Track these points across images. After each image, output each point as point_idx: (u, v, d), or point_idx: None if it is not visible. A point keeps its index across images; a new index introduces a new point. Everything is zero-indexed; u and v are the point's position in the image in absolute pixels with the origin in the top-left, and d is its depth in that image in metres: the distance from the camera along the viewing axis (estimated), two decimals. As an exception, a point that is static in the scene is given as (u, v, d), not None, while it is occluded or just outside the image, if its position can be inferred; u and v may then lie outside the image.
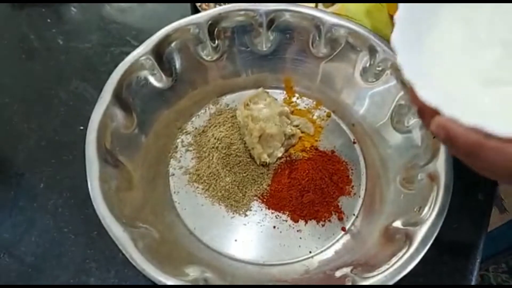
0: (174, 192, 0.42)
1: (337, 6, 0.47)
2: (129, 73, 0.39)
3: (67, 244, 0.39)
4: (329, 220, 0.40)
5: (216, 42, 0.44)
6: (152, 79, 0.42)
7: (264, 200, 0.41)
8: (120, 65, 0.39)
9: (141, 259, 0.31)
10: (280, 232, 0.40)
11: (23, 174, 0.43)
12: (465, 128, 0.22)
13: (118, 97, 0.38)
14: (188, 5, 0.55)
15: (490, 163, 0.22)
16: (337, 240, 0.39)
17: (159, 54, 0.41)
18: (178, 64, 0.43)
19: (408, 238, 0.33)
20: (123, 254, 0.31)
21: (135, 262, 0.30)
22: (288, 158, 0.43)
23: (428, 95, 0.24)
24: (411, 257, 0.32)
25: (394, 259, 0.33)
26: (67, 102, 0.47)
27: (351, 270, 0.35)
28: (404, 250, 0.32)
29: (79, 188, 0.41)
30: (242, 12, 0.43)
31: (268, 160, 0.41)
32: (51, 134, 0.45)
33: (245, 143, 0.42)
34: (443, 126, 0.22)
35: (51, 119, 0.46)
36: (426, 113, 0.24)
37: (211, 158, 0.42)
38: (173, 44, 0.42)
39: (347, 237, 0.39)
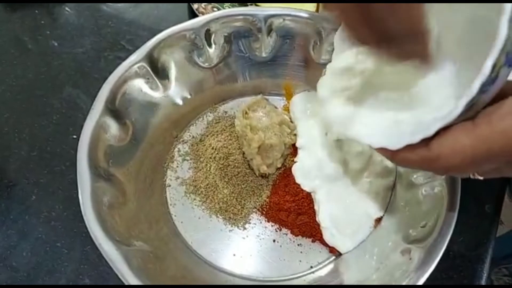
0: (170, 204, 0.40)
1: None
2: (122, 82, 0.38)
3: (60, 259, 0.38)
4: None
5: (213, 47, 0.43)
6: (146, 87, 0.40)
7: (264, 212, 0.40)
8: (113, 73, 0.37)
9: (135, 280, 0.29)
10: (280, 246, 0.38)
11: (15, 185, 0.42)
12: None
13: (112, 107, 0.37)
14: (185, 8, 0.53)
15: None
16: (339, 255, 0.38)
17: (154, 61, 0.40)
18: (173, 71, 0.42)
19: (414, 255, 0.32)
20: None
21: (129, 283, 0.29)
22: (286, 168, 0.42)
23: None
24: (417, 275, 0.30)
25: (398, 278, 0.32)
26: (60, 110, 0.46)
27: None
28: (409, 268, 0.31)
29: (72, 200, 0.40)
30: (241, 17, 0.41)
31: (267, 171, 0.40)
32: (43, 143, 0.44)
33: (243, 154, 0.41)
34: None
35: (43, 128, 0.45)
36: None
37: (208, 168, 0.41)
38: (168, 51, 0.40)
39: (349, 252, 0.38)
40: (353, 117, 0.29)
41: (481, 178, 0.25)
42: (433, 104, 0.26)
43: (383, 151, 0.26)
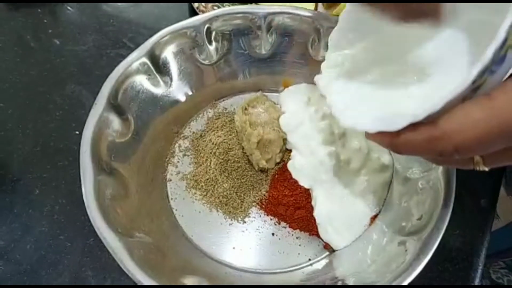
0: (171, 199, 0.41)
1: (339, 8, 0.46)
2: (124, 78, 0.39)
3: (63, 252, 0.39)
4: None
5: (214, 45, 0.43)
6: (148, 84, 0.41)
7: (263, 206, 0.40)
8: (115, 70, 0.38)
9: (137, 270, 0.30)
10: (279, 239, 0.39)
11: (18, 180, 0.42)
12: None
13: (114, 103, 0.38)
14: (185, 6, 0.54)
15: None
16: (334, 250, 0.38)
17: (155, 58, 0.41)
18: (175, 68, 0.43)
19: (409, 247, 0.33)
20: (119, 263, 0.30)
21: (131, 274, 0.30)
22: (285, 163, 0.42)
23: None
24: (412, 267, 0.31)
25: (394, 269, 0.32)
26: (63, 107, 0.47)
27: (352, 279, 0.34)
28: (405, 259, 0.32)
29: (75, 194, 0.40)
30: (240, 15, 0.42)
31: (266, 166, 0.41)
32: (46, 139, 0.45)
33: (243, 149, 0.42)
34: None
35: (46, 124, 0.46)
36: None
37: (208, 163, 0.42)
38: (169, 48, 0.41)
39: (345, 247, 0.38)
40: (348, 104, 0.27)
41: (486, 169, 0.22)
42: (440, 77, 0.24)
43: (381, 137, 0.23)
